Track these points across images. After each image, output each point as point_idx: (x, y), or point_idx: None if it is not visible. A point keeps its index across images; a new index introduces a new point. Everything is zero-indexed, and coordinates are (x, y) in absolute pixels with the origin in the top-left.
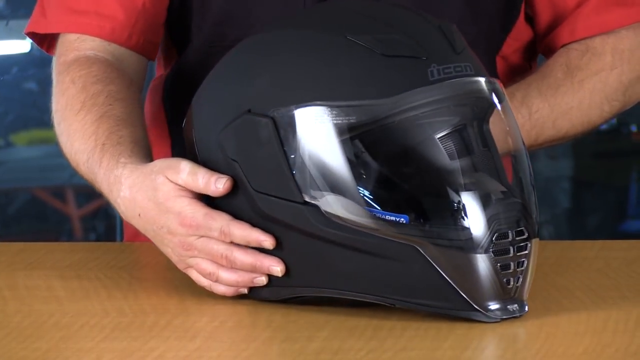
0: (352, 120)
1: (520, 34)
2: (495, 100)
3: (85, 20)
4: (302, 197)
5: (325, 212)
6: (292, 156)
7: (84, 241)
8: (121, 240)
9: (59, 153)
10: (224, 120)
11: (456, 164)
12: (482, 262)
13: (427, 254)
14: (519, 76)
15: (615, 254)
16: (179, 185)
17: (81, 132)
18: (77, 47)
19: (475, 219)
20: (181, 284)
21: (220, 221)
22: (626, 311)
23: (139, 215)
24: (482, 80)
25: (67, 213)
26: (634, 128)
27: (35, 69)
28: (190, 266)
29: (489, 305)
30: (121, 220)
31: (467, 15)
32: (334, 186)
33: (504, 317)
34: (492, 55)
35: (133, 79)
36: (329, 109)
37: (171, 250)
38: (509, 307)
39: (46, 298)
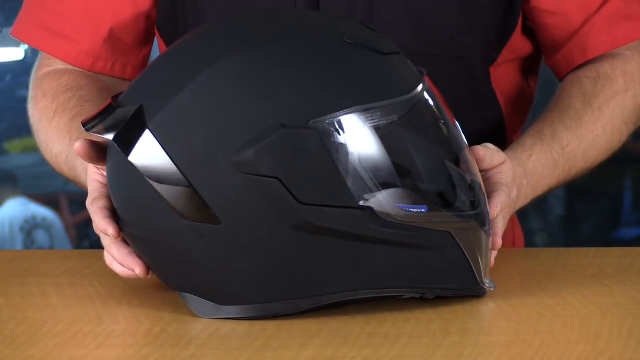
0: (394, 119)
1: (516, 46)
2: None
3: (54, 41)
4: (356, 201)
5: (379, 212)
6: (342, 162)
7: (78, 249)
8: None
9: None
10: (242, 140)
11: (464, 148)
12: (487, 239)
13: (458, 238)
14: (512, 91)
15: (609, 261)
16: (98, 168)
17: (56, 135)
18: (49, 62)
19: (483, 200)
20: (175, 292)
21: (93, 207)
22: (620, 318)
23: None
24: None
25: (61, 220)
26: None
27: (30, 77)
28: None
29: (486, 280)
30: None
31: (462, 26)
32: (385, 185)
33: (492, 289)
34: (486, 66)
35: (109, 87)
36: (372, 110)
37: None
38: (487, 282)
39: (40, 305)
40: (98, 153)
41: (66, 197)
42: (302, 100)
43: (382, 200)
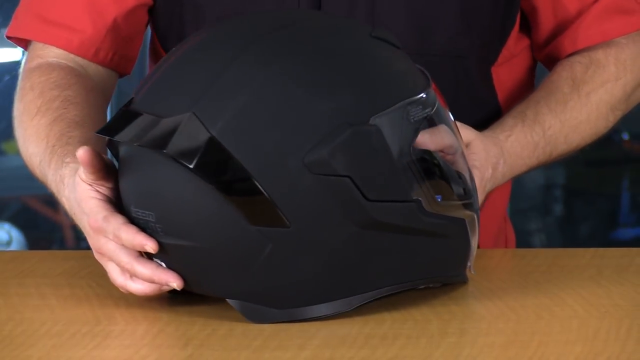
0: (429, 112)
1: (514, 44)
2: None
3: (55, 31)
4: (410, 194)
5: (426, 204)
6: (398, 156)
7: (76, 249)
8: None
9: None
10: (312, 140)
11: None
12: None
13: (468, 225)
14: (515, 89)
15: (607, 262)
16: (90, 185)
17: (35, 135)
18: (41, 54)
19: (474, 188)
20: (170, 295)
21: (113, 224)
22: (618, 319)
23: (74, 214)
24: None
25: (58, 221)
26: (625, 136)
27: None
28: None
29: (470, 266)
30: None
31: (461, 27)
32: (428, 177)
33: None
34: (487, 66)
35: (98, 86)
36: (415, 103)
37: (94, 251)
38: (471, 268)
39: (38, 306)
40: (100, 163)
41: None
42: (361, 97)
43: (425, 192)
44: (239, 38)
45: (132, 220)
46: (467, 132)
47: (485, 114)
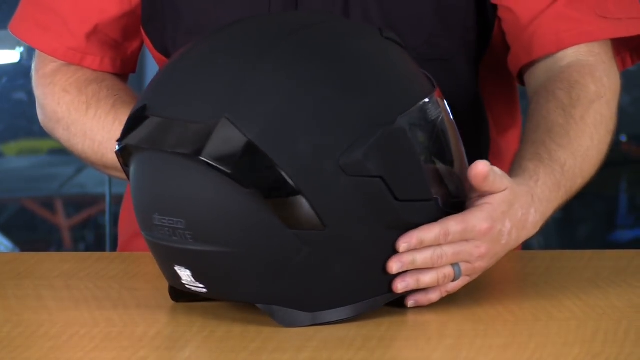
0: (440, 112)
1: (498, 47)
2: None
3: (44, 37)
4: (432, 193)
5: (441, 202)
6: (421, 156)
7: (74, 251)
8: (111, 249)
9: (48, 163)
10: (346, 142)
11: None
12: None
13: None
14: (500, 94)
15: (605, 264)
16: None
17: (99, 125)
18: (52, 58)
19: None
20: (167, 297)
21: None
22: (616, 321)
23: None
24: None
25: (56, 223)
26: (623, 138)
27: (25, 79)
28: None
29: None
30: (111, 229)
31: (438, 27)
32: (444, 175)
33: None
34: (470, 67)
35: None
36: (430, 103)
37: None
38: None
39: (36, 308)
40: None
41: (61, 200)
42: (387, 97)
43: (442, 190)
44: (255, 42)
45: (154, 229)
46: (502, 180)
47: (470, 115)
